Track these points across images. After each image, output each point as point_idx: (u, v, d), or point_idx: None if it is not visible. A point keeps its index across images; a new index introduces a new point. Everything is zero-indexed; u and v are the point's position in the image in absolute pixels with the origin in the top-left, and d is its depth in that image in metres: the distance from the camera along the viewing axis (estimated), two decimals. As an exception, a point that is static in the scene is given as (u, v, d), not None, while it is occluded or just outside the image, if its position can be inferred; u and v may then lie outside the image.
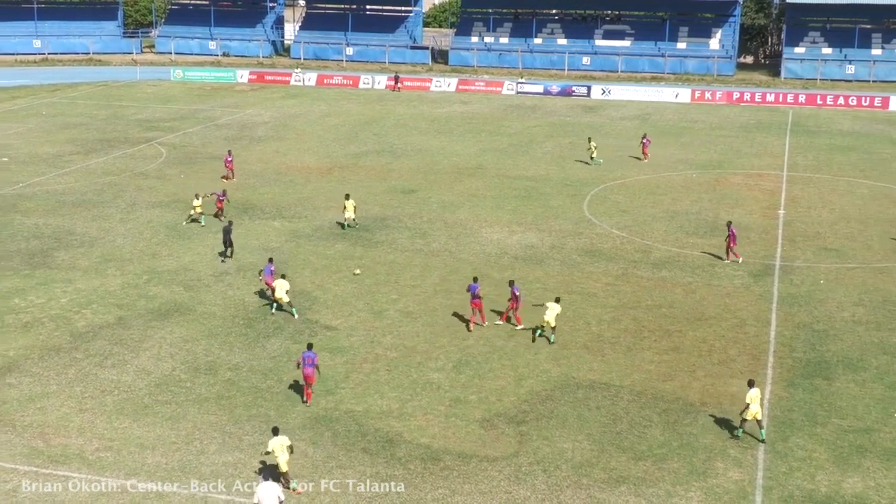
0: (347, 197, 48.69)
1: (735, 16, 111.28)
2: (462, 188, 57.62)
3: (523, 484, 26.20)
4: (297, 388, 31.31)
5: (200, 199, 49.63)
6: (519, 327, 36.40)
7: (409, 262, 44.00)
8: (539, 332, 35.66)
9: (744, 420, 28.70)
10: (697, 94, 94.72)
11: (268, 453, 25.82)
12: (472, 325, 36.38)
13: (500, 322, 36.88)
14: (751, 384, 28.91)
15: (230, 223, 45.34)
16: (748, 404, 28.45)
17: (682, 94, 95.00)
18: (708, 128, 79.61)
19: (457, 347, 34.78)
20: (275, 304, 37.78)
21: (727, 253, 44.73)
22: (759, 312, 38.50)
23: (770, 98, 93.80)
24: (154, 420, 29.19)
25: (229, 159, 58.96)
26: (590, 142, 65.81)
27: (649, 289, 41.02)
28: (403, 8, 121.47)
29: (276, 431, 25.94)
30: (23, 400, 30.38)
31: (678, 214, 52.25)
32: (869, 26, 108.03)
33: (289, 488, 25.48)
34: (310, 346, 30.96)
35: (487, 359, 33.89)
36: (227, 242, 43.97)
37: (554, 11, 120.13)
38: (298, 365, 30.73)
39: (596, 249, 46.20)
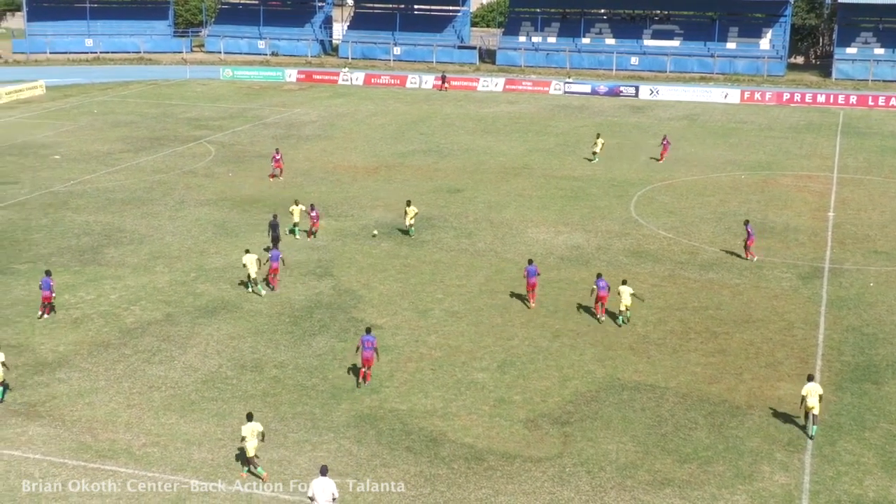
0: (409, 203, 48.24)
1: (786, 16, 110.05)
2: (508, 188, 57.54)
3: (567, 485, 26.12)
4: (342, 386, 31.48)
5: (298, 206, 47.55)
6: (602, 318, 37.38)
7: (454, 262, 44.03)
8: (621, 319, 36.99)
9: (807, 415, 28.78)
10: (747, 95, 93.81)
11: (243, 439, 26.37)
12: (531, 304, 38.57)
13: (602, 316, 37.30)
14: (810, 378, 29.16)
15: (275, 216, 45.43)
16: (804, 397, 28.49)
17: (732, 95, 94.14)
18: (757, 129, 78.83)
19: (501, 347, 34.76)
20: (251, 284, 39.59)
21: (745, 251, 44.53)
22: (808, 315, 38.07)
23: (821, 99, 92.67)
24: (200, 416, 29.47)
25: (277, 157, 59.36)
26: (597, 138, 65.44)
27: (696, 290, 40.73)
28: (451, 7, 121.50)
29: (249, 417, 26.75)
30: (72, 395, 30.80)
31: (726, 216, 51.81)
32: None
33: (255, 474, 26.15)
34: (368, 330, 32.15)
35: (532, 359, 33.83)
36: (275, 238, 44.25)
37: (602, 11, 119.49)
38: (357, 349, 31.67)
39: (642, 250, 45.94)
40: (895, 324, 37.35)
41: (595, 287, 37.23)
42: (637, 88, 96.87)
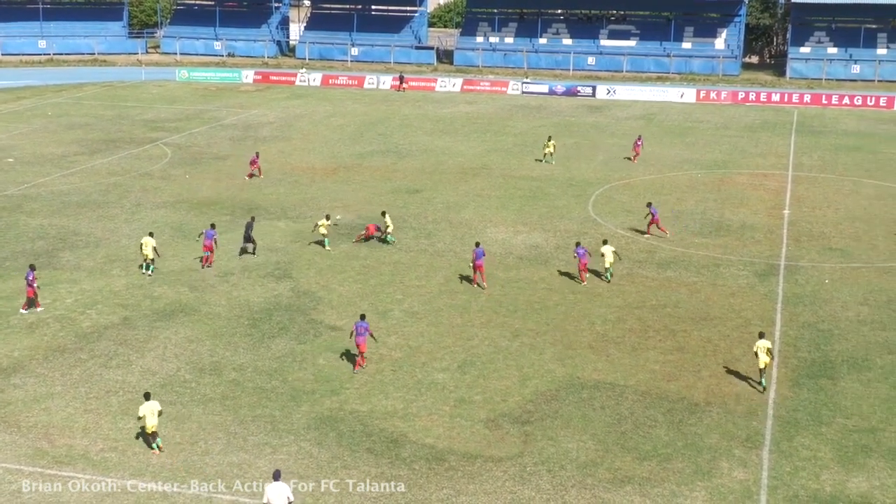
0: (384, 214, 47.22)
1: (740, 16, 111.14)
2: (467, 188, 57.62)
3: (528, 484, 26.19)
4: (301, 388, 31.37)
5: (328, 220, 46.64)
6: (584, 283, 41.28)
7: (413, 263, 44.01)
8: (607, 275, 41.46)
9: (762, 371, 31.54)
10: (702, 94, 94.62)
11: (139, 418, 27.62)
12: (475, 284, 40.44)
13: (584, 282, 41.31)
14: (761, 335, 32.11)
15: (252, 218, 45.63)
16: (756, 353, 31.37)
17: (688, 94, 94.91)
18: (713, 128, 79.50)
19: (461, 348, 34.78)
20: (146, 265, 41.80)
21: (647, 228, 48.17)
22: (764, 312, 38.45)
23: (775, 98, 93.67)
24: (159, 420, 29.18)
25: (255, 160, 59.15)
26: (549, 140, 65.37)
27: (654, 288, 41.00)
28: (408, 8, 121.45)
29: (147, 397, 28.03)
30: (27, 401, 30.43)
31: (683, 214, 52.20)
32: (874, 26, 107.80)
33: (151, 447, 27.54)
34: (363, 317, 33.31)
35: (492, 359, 33.89)
36: (248, 238, 44.41)
37: (559, 11, 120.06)
38: (351, 335, 32.86)
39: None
40: (850, 320, 37.82)
41: (576, 255, 41.37)
42: (594, 88, 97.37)
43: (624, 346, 35.10)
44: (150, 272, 41.73)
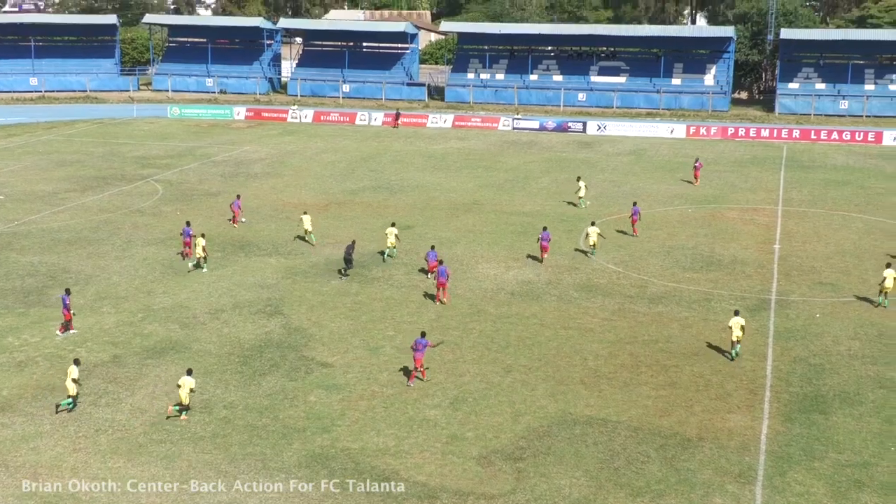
0: (393, 225, 50.90)
1: (729, 52, 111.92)
2: (459, 224, 57.72)
3: (520, 521, 26.04)
4: (293, 426, 31.24)
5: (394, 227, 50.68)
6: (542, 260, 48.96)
7: (405, 299, 43.97)
8: (591, 252, 49.91)
9: (733, 342, 36.43)
10: (692, 130, 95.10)
11: (178, 386, 31.59)
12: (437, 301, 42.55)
13: (543, 259, 49.48)
14: (736, 312, 37.14)
15: (353, 242, 48.25)
16: (731, 328, 36.44)
17: (678, 130, 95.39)
18: (703, 163, 79.69)
19: (453, 384, 34.70)
20: (193, 262, 47.21)
21: (633, 228, 54.62)
22: (756, 347, 38.46)
23: (765, 133, 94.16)
24: (149, 459, 29.06)
25: (237, 203, 58.03)
26: (578, 181, 65.03)
27: (646, 324, 41.01)
28: (400, 45, 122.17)
29: (189, 373, 32.17)
30: (16, 440, 30.24)
31: (674, 249, 52.32)
32: (862, 62, 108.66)
33: (180, 414, 31.41)
34: (423, 335, 34.94)
35: (484, 395, 33.80)
36: (348, 260, 46.91)
37: (549, 48, 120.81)
38: (413, 348, 34.56)
39: (592, 285, 46.21)
40: (841, 354, 37.85)
41: (539, 237, 49.35)
42: (584, 124, 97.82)
43: (616, 382, 35.06)
44: (203, 270, 47.05)
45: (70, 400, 31.99)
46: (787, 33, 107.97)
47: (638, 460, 29.35)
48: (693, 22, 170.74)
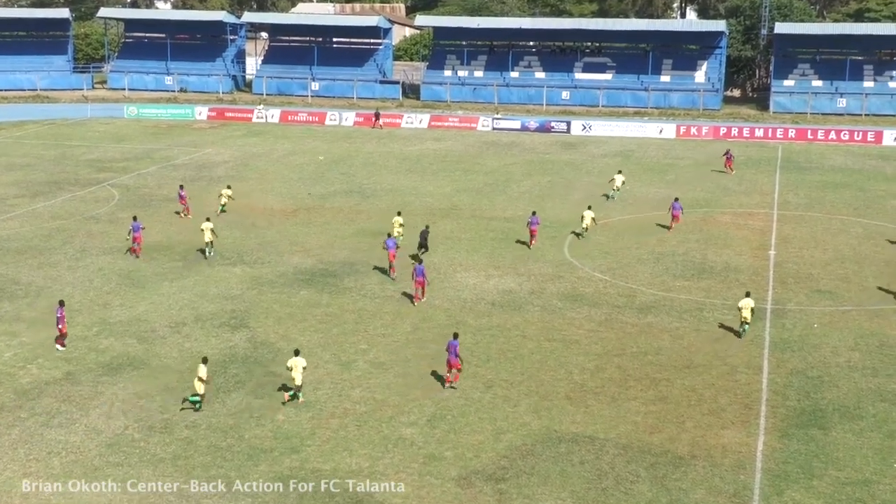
0: (399, 214, 54.50)
1: (721, 48, 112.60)
2: (436, 230, 57.66)
3: (502, 546, 26.04)
4: (259, 446, 31.13)
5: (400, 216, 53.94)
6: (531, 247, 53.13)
7: (379, 310, 43.95)
8: (581, 232, 55.71)
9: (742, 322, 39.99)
10: (683, 130, 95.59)
11: (289, 369, 33.86)
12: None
13: (532, 246, 53.60)
14: (747, 294, 41.10)
15: (427, 227, 52.52)
16: (741, 309, 40.08)
17: (667, 130, 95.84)
18: (694, 164, 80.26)
19: (431, 400, 34.68)
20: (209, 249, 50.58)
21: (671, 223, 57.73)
22: (751, 359, 38.65)
23: (759, 133, 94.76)
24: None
25: (182, 194, 59.64)
26: (618, 174, 67.75)
27: (634, 335, 41.13)
28: (372, 40, 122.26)
29: (296, 353, 34.34)
30: (-38, 462, 30.01)
31: (664, 256, 52.53)
32: (860, 58, 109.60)
33: (295, 397, 33.84)
34: (455, 336, 36.04)
35: (464, 412, 33.80)
36: (423, 245, 50.79)
37: (531, 43, 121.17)
38: (447, 349, 35.53)
39: (578, 294, 46.33)
40: (840, 366, 38.07)
41: (529, 221, 53.74)
42: (569, 124, 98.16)
43: (603, 397, 35.13)
44: (211, 254, 50.91)
45: (198, 398, 33.49)
46: (781, 27, 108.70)
47: (627, 480, 29.41)
48: (683, 15, 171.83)
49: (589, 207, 56.33)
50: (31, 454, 30.56)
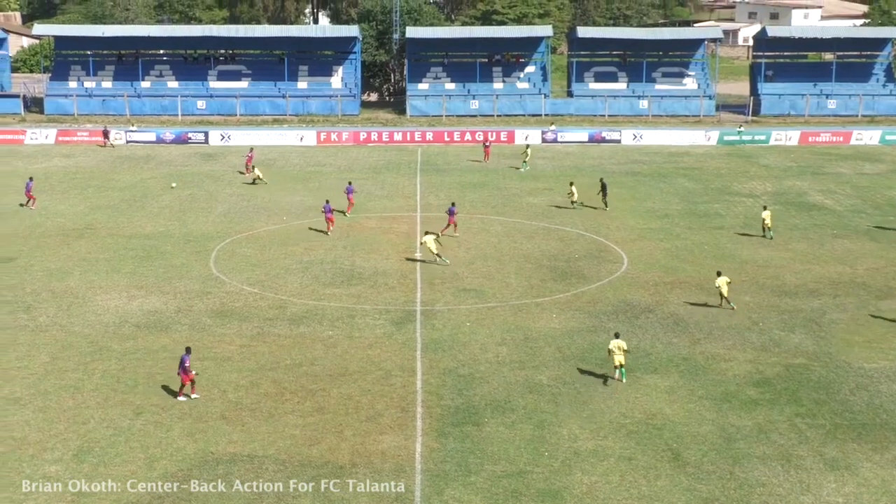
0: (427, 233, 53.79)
1: (356, 53, 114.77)
2: (70, 252, 55.30)
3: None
4: None
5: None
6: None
7: (12, 342, 41.54)
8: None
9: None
10: (323, 136, 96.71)
11: (609, 351, 37.54)
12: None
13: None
14: (719, 273, 45.77)
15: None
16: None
17: (308, 137, 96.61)
18: (336, 171, 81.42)
19: (76, 433, 33.18)
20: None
21: (443, 231, 58.07)
22: (404, 361, 39.70)
23: (398, 137, 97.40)
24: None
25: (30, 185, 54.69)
26: (571, 186, 68.21)
27: (288, 347, 41.21)
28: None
29: (616, 336, 37.98)
30: None
31: (313, 264, 52.95)
32: (488, 60, 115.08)
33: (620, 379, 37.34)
34: (188, 350, 37.52)
35: (112, 442, 32.59)
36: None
37: (161, 52, 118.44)
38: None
39: (227, 309, 45.84)
40: (489, 362, 39.86)
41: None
42: (206, 134, 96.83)
43: (260, 413, 34.96)
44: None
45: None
46: (412, 31, 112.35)
47: (289, 496, 29.40)
48: (315, 21, 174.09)
49: (427, 233, 53.58)
50: None
